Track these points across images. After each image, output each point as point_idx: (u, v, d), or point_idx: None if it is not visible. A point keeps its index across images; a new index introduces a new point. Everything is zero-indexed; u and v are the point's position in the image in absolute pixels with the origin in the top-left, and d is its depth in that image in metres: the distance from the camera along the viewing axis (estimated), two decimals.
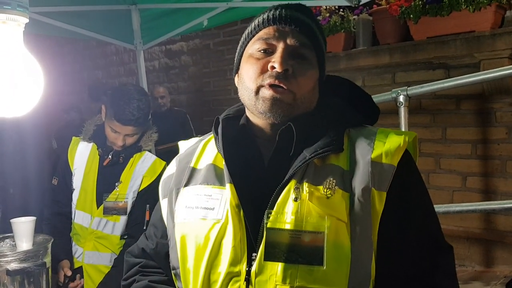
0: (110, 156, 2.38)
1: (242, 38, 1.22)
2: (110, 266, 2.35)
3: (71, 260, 2.39)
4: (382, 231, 1.04)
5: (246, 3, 3.02)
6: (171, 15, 3.34)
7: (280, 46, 1.11)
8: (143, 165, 2.39)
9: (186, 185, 1.20)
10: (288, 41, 1.12)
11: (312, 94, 1.16)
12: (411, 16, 3.49)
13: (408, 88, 2.58)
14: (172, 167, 1.30)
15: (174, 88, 6.11)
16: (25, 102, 1.13)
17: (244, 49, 1.20)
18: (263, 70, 1.11)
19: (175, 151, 1.38)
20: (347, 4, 2.78)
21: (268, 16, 1.15)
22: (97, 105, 2.69)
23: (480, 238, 3.43)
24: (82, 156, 2.45)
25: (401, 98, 2.56)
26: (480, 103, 3.40)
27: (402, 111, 2.56)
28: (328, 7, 3.99)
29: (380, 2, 3.74)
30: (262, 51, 1.13)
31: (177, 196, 1.20)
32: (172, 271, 1.22)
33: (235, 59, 1.25)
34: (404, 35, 3.70)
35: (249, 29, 1.20)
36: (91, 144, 2.45)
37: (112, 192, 2.34)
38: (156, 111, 5.10)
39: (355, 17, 3.94)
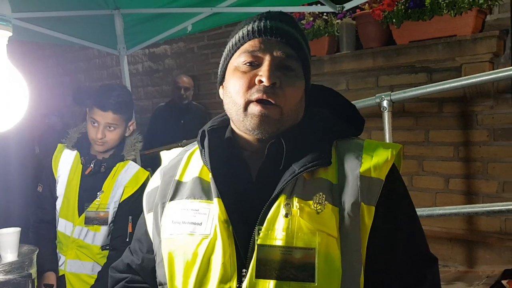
0: (92, 165, 2.36)
1: (226, 50, 1.19)
2: (92, 275, 2.33)
3: (56, 270, 2.36)
4: (370, 245, 1.04)
5: (231, 9, 3.02)
6: (155, 20, 3.33)
7: (266, 59, 1.09)
8: (125, 175, 2.36)
9: (171, 199, 1.17)
10: (275, 53, 1.10)
11: (299, 106, 1.15)
12: (394, 20, 3.53)
13: (392, 93, 2.60)
14: (156, 180, 1.27)
15: (158, 92, 6.08)
16: (10, 117, 1.12)
17: (228, 61, 1.17)
18: (251, 84, 1.09)
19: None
20: (331, 10, 2.81)
21: (252, 27, 1.13)
22: (81, 109, 2.68)
23: (463, 239, 3.48)
24: (65, 164, 2.43)
25: (384, 103, 2.58)
26: (462, 106, 3.45)
27: (386, 116, 2.58)
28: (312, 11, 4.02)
29: (363, 7, 3.77)
30: (248, 64, 1.11)
31: (162, 210, 1.18)
32: (158, 287, 1.21)
33: (219, 70, 1.22)
34: (387, 39, 3.74)
35: (233, 40, 1.17)
36: (75, 152, 2.43)
37: (94, 202, 2.31)
38: (177, 103, 4.94)
39: (339, 21, 3.97)
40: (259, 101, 1.07)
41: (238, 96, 1.10)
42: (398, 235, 1.08)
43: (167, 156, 1.32)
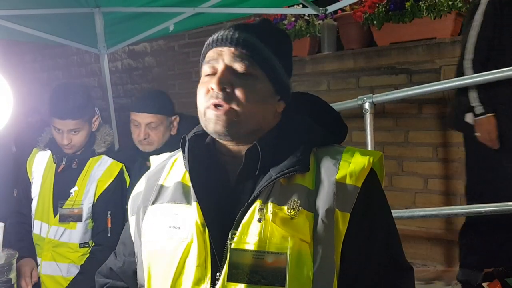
0: (64, 162, 2.34)
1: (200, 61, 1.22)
2: (67, 277, 2.31)
3: (35, 259, 2.34)
4: (344, 252, 1.05)
5: (213, 9, 3.00)
6: (136, 19, 3.28)
7: (219, 67, 1.12)
8: (98, 169, 2.35)
9: (153, 203, 1.19)
10: (226, 61, 1.12)
11: (263, 109, 1.14)
12: (375, 22, 3.57)
13: (374, 95, 2.62)
14: (141, 185, 1.29)
15: (137, 90, 6.02)
16: None
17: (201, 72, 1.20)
18: (207, 93, 1.12)
19: None
20: (314, 13, 2.82)
21: (209, 41, 1.16)
22: None
23: (441, 239, 3.54)
24: (39, 165, 2.42)
25: (366, 105, 2.60)
26: (441, 107, 3.50)
27: (368, 118, 2.60)
28: None
29: (344, 8, 3.79)
30: (208, 75, 1.14)
31: (144, 214, 1.20)
32: None
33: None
34: (368, 40, 3.78)
35: (202, 52, 1.20)
36: (48, 152, 2.41)
37: (68, 199, 2.30)
38: None
39: (320, 22, 3.99)
40: (214, 105, 1.10)
41: (199, 104, 1.14)
42: (372, 243, 1.09)
43: (156, 160, 1.34)
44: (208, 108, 1.11)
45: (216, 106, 1.10)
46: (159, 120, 2.33)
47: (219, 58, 1.13)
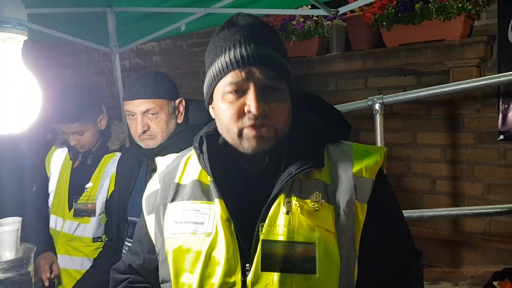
0: (79, 159, 2.39)
1: (209, 78, 1.21)
2: (81, 271, 2.36)
3: (55, 253, 2.38)
4: (363, 239, 1.13)
5: (225, 10, 3.03)
6: (148, 18, 3.32)
7: (251, 87, 1.13)
8: (112, 166, 2.41)
9: (172, 201, 1.24)
10: (256, 81, 1.14)
11: (289, 117, 1.20)
12: (384, 23, 3.58)
13: (384, 96, 2.65)
14: (155, 183, 1.34)
15: None
16: (23, 119, 1.13)
17: (214, 88, 1.20)
18: (240, 113, 1.14)
19: None
20: (326, 14, 2.84)
21: (230, 60, 1.14)
22: None
23: (448, 240, 3.55)
24: (57, 162, 2.48)
25: (377, 106, 2.63)
26: (450, 109, 3.52)
27: (378, 119, 2.63)
28: None
29: (353, 9, 3.81)
30: (233, 93, 1.15)
31: (164, 211, 1.24)
32: (161, 285, 1.25)
33: (205, 92, 1.26)
34: (377, 41, 3.79)
35: (213, 71, 1.18)
36: (65, 149, 2.46)
37: (83, 194, 2.36)
38: None
39: (329, 22, 4.00)
40: (252, 126, 1.13)
41: (230, 124, 1.16)
42: (387, 230, 1.18)
43: (163, 161, 1.38)
44: (246, 128, 1.14)
45: (254, 126, 1.13)
46: (158, 105, 1.91)
47: (248, 78, 1.14)
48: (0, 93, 1.05)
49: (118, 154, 2.43)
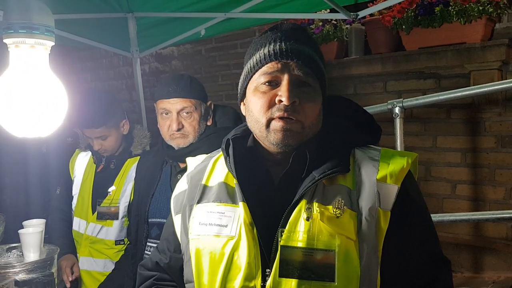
0: (103, 163, 2.43)
1: (245, 71, 1.25)
2: (104, 272, 2.39)
3: (76, 255, 2.42)
4: (386, 248, 1.11)
5: (244, 14, 3.05)
6: (168, 23, 3.35)
7: (285, 78, 1.15)
8: (135, 171, 2.42)
9: (198, 202, 1.24)
10: (292, 73, 1.16)
11: (319, 118, 1.21)
12: (404, 27, 3.56)
13: (404, 100, 2.64)
14: (183, 184, 1.35)
15: None
16: (50, 123, 1.16)
17: (248, 81, 1.23)
18: (271, 104, 1.15)
19: None
20: (345, 18, 2.84)
21: (269, 51, 1.18)
22: None
23: (469, 245, 3.51)
24: (80, 165, 2.52)
25: (397, 110, 2.62)
26: (470, 113, 3.48)
27: (398, 123, 2.62)
28: None
29: (373, 13, 3.80)
30: (267, 84, 1.17)
31: (190, 212, 1.25)
32: (185, 284, 1.27)
33: (239, 88, 1.28)
34: (396, 45, 3.77)
35: (251, 62, 1.22)
36: (89, 153, 2.50)
37: (106, 197, 2.39)
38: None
39: (348, 26, 4.00)
40: (280, 118, 1.14)
41: (260, 114, 1.17)
42: (412, 238, 1.15)
43: (192, 162, 1.40)
44: (274, 119, 1.15)
45: (283, 118, 1.14)
46: (193, 105, 1.99)
47: (283, 69, 1.16)
48: (28, 98, 1.08)
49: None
